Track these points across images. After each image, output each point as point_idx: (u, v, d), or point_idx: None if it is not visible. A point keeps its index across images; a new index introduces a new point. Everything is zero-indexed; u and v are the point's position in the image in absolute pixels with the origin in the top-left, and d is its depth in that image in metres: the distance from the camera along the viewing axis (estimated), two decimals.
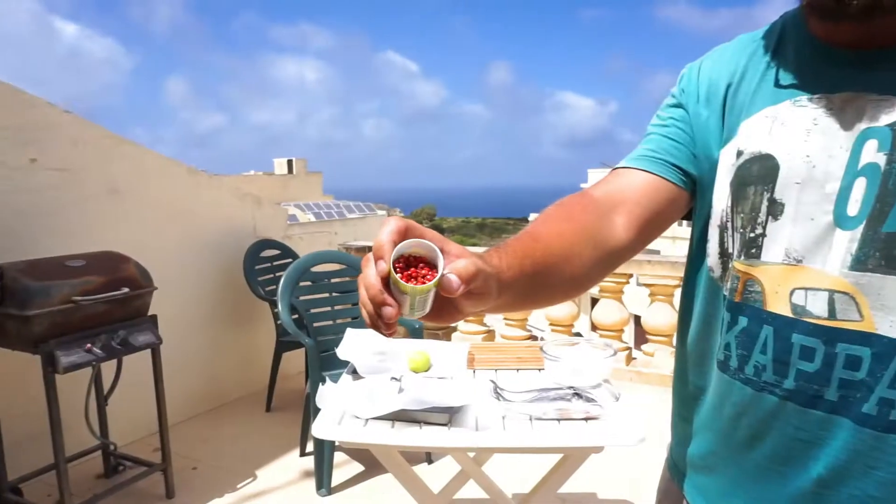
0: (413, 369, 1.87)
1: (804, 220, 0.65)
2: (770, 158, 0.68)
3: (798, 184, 0.65)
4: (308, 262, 2.98)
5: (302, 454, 3.00)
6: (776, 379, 0.67)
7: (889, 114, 0.60)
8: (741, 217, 0.71)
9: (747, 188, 0.70)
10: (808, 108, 0.66)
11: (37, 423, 2.44)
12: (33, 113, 2.68)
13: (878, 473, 0.61)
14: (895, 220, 0.59)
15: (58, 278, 2.22)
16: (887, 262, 0.59)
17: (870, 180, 0.61)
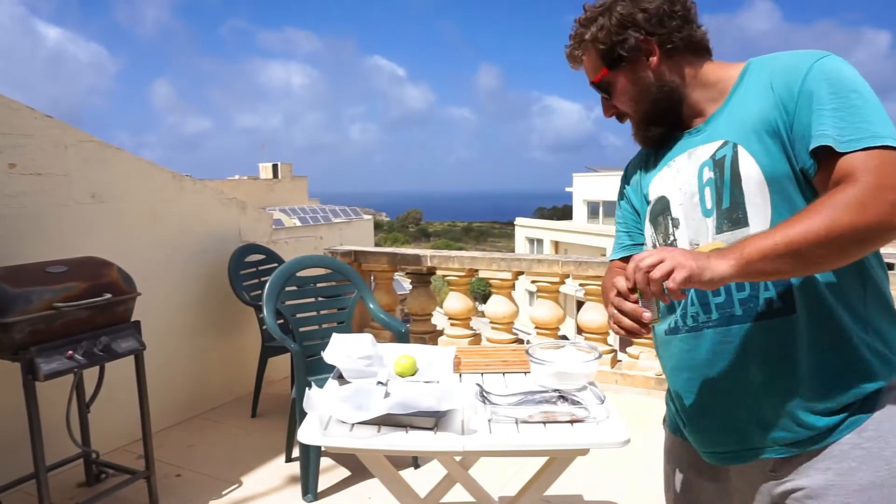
0: (399, 373, 1.87)
1: (689, 221, 1.16)
2: (663, 198, 1.22)
3: (681, 204, 1.18)
4: (293, 266, 2.97)
5: (288, 460, 2.98)
6: (704, 317, 1.13)
7: (705, 151, 1.14)
8: (661, 234, 1.23)
9: (657, 217, 1.24)
10: (674, 165, 1.21)
11: (16, 432, 2.40)
12: (13, 117, 2.65)
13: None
14: (726, 202, 1.10)
15: (39, 284, 2.19)
16: (731, 223, 1.10)
17: (711, 188, 1.13)
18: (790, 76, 1.05)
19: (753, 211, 1.07)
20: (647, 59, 1.17)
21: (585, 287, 3.93)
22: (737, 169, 1.08)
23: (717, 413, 1.15)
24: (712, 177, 1.12)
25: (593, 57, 1.22)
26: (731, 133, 1.11)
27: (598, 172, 31.17)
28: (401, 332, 2.90)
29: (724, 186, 1.10)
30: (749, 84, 1.13)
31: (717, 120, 1.15)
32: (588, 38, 1.21)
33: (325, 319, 3.09)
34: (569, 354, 1.86)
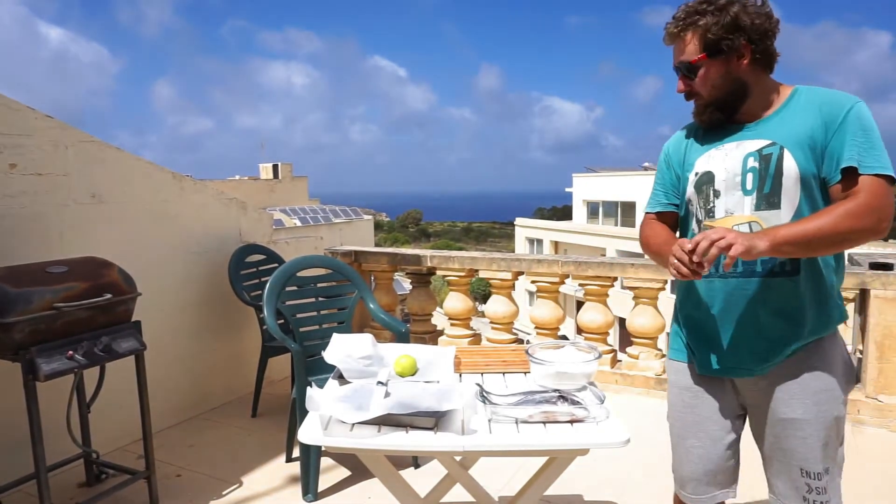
0: (399, 373, 1.87)
1: (729, 194, 1.51)
2: (709, 173, 1.55)
3: (724, 181, 1.52)
4: (294, 266, 2.97)
5: (288, 460, 2.98)
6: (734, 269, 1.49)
7: (753, 145, 1.48)
8: (702, 201, 1.56)
9: (702, 187, 1.56)
10: (722, 149, 1.54)
11: (17, 432, 2.40)
12: (13, 117, 2.65)
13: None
14: (767, 189, 1.45)
15: (39, 284, 2.19)
16: (768, 205, 1.45)
17: (753, 174, 1.47)
18: (836, 108, 1.43)
19: (786, 199, 1.45)
20: (738, 60, 1.48)
21: (585, 287, 3.93)
22: (780, 165, 1.44)
23: (729, 338, 1.54)
24: (756, 166, 1.47)
25: (696, 41, 1.48)
26: (780, 137, 1.46)
27: (598, 173, 31.17)
28: (401, 332, 2.91)
29: (768, 176, 1.46)
30: (798, 104, 1.49)
31: (767, 124, 1.50)
32: (701, 25, 1.46)
33: (326, 319, 3.09)
34: (568, 354, 1.86)
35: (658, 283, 3.74)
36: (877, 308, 3.21)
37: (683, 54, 1.51)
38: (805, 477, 1.53)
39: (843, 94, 1.45)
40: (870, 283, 3.23)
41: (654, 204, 1.73)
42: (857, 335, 3.68)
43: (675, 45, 1.53)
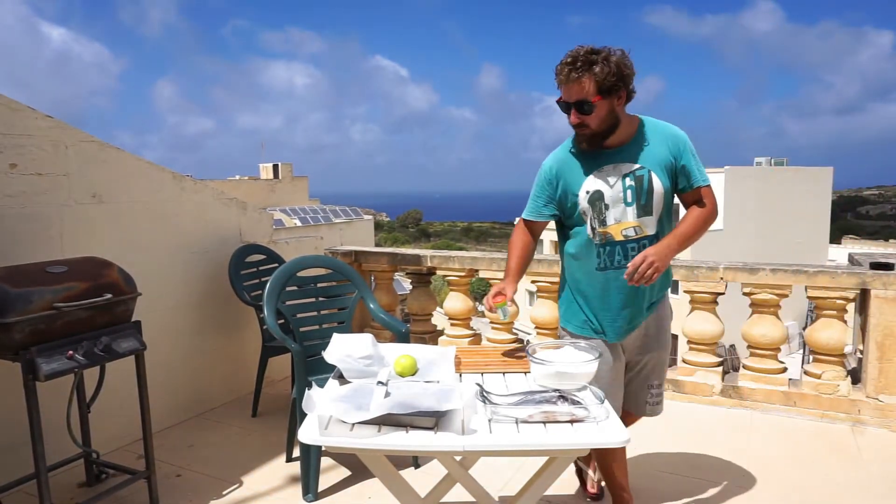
0: (399, 373, 1.87)
1: (616, 207, 2.03)
2: (598, 191, 2.04)
3: (611, 196, 2.03)
4: (294, 266, 2.97)
5: (288, 459, 2.98)
6: (622, 262, 2.04)
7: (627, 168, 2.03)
8: (596, 213, 2.05)
9: (595, 203, 2.04)
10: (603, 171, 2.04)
11: (17, 432, 2.40)
12: (14, 118, 2.65)
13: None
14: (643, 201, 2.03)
15: (39, 284, 2.19)
16: (644, 213, 2.04)
17: (632, 190, 2.03)
18: (678, 141, 2.06)
19: (655, 207, 2.05)
20: (618, 100, 1.96)
21: None
22: (651, 184, 2.03)
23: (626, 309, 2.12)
24: (633, 184, 2.02)
25: (592, 85, 1.90)
26: (646, 162, 2.03)
27: None
28: (401, 332, 2.91)
29: (643, 192, 2.03)
30: (649, 135, 2.06)
31: (631, 150, 2.04)
32: (596, 72, 1.88)
33: (326, 319, 3.09)
34: (569, 354, 1.86)
35: None
36: (877, 308, 3.21)
37: (581, 94, 1.91)
38: (652, 388, 2.29)
39: (676, 128, 2.08)
40: (870, 283, 3.23)
41: (532, 212, 2.18)
42: (857, 335, 3.68)
43: (571, 86, 1.91)
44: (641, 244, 2.04)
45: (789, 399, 3.43)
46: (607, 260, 2.08)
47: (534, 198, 2.17)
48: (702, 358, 3.66)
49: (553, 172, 2.11)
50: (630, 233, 2.05)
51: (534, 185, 2.18)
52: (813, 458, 2.94)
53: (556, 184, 2.10)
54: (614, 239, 2.06)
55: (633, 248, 2.04)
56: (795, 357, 16.39)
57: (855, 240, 36.59)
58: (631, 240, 2.05)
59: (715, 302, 3.64)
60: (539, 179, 2.15)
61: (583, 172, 2.05)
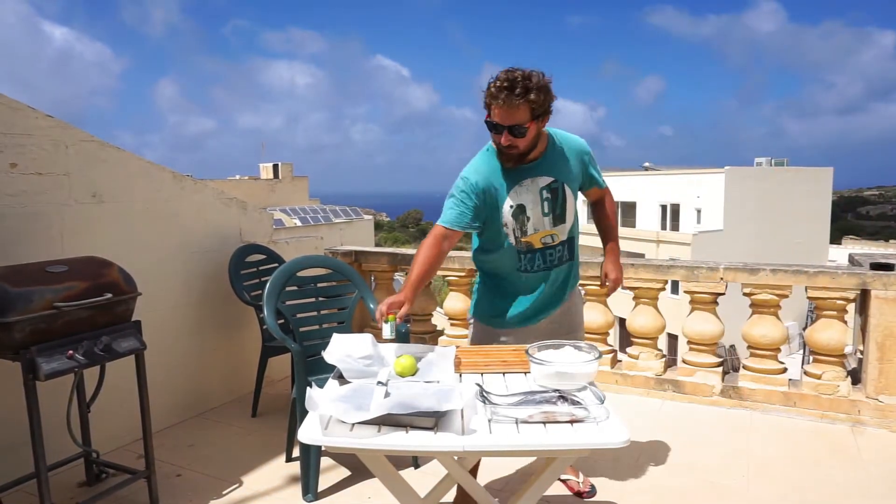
0: (399, 373, 1.87)
1: (536, 218, 2.22)
2: (522, 205, 2.20)
3: (531, 208, 2.21)
4: (294, 266, 2.97)
5: (288, 459, 2.98)
6: (542, 265, 2.29)
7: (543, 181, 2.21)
8: (519, 225, 2.22)
9: (518, 216, 2.20)
10: (524, 185, 2.19)
11: (17, 431, 2.40)
12: (14, 117, 2.65)
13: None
14: (558, 211, 2.24)
15: (39, 284, 2.19)
16: (560, 221, 2.26)
17: (548, 202, 2.22)
18: (582, 149, 2.30)
19: (568, 214, 2.25)
20: (542, 123, 2.10)
21: (585, 287, 3.93)
22: (564, 195, 2.23)
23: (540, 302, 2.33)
24: (549, 196, 2.21)
25: (527, 111, 2.01)
26: (559, 174, 2.22)
27: None
28: (401, 332, 2.90)
29: (557, 203, 2.22)
30: (560, 146, 2.24)
31: (545, 163, 2.20)
32: (532, 99, 1.99)
33: (326, 319, 3.09)
34: (569, 355, 1.86)
35: (658, 283, 3.74)
36: (877, 309, 3.21)
37: (516, 120, 2.01)
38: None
39: (580, 140, 2.30)
40: (870, 283, 3.23)
41: (458, 222, 2.19)
42: (857, 336, 3.68)
43: (507, 111, 2.00)
44: (557, 249, 2.29)
45: (789, 399, 3.43)
46: (528, 264, 2.27)
47: (460, 208, 2.17)
48: (702, 358, 3.66)
49: (480, 187, 2.17)
50: (548, 240, 2.26)
51: (455, 195, 2.18)
52: (813, 459, 2.93)
53: (483, 198, 2.18)
54: (534, 247, 2.26)
55: (551, 253, 2.28)
56: (796, 357, 16.39)
57: (855, 240, 36.59)
58: (549, 246, 2.27)
59: (715, 302, 3.64)
60: (464, 192, 2.17)
61: (506, 188, 2.18)
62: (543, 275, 2.30)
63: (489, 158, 2.20)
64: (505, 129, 2.03)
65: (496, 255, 2.30)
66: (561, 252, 2.30)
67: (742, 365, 3.63)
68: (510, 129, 2.03)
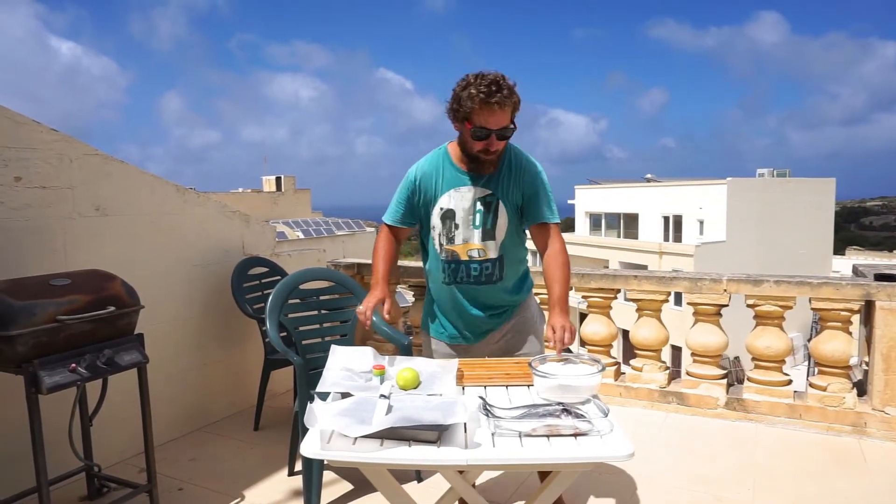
0: (402, 386, 1.87)
1: (465, 228, 2.16)
2: (451, 210, 2.16)
3: (461, 217, 2.15)
4: (296, 279, 2.97)
5: (290, 473, 2.97)
6: (465, 279, 2.20)
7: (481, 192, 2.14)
8: (445, 231, 2.18)
9: (446, 220, 2.17)
10: (460, 191, 2.15)
11: (18, 445, 2.40)
12: (19, 131, 2.67)
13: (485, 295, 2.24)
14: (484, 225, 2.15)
15: (42, 297, 2.20)
16: (489, 237, 2.16)
17: (480, 214, 2.14)
18: (531, 171, 2.16)
19: (498, 232, 2.16)
20: None
21: (588, 299, 3.93)
22: (497, 210, 2.14)
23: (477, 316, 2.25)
24: (482, 209, 2.14)
25: (509, 114, 2.01)
26: (496, 190, 2.14)
27: (600, 185, 31.20)
28: (403, 345, 2.90)
29: (490, 217, 2.14)
30: (513, 164, 2.15)
31: (489, 176, 2.13)
32: (515, 100, 2.00)
33: (328, 332, 3.08)
34: (572, 367, 1.85)
35: (661, 294, 3.73)
36: (882, 320, 3.20)
37: (505, 122, 2.00)
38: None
39: (535, 163, 2.17)
40: (875, 294, 3.22)
41: (392, 217, 2.25)
42: (862, 347, 3.66)
43: (497, 113, 1.97)
44: (484, 266, 2.18)
45: (795, 411, 3.40)
46: (451, 276, 2.20)
47: (395, 203, 2.24)
48: (706, 370, 3.65)
49: (417, 183, 2.19)
50: (474, 254, 2.17)
51: (397, 191, 2.24)
52: (819, 471, 2.91)
53: (418, 195, 2.19)
54: (459, 258, 2.18)
55: (476, 268, 2.18)
56: (801, 369, 16.31)
57: (859, 251, 36.50)
58: (475, 260, 2.18)
59: (719, 314, 3.63)
60: (402, 186, 2.22)
61: (442, 190, 2.15)
62: (471, 290, 2.21)
63: (436, 157, 2.19)
64: (493, 133, 2.00)
65: (427, 263, 2.29)
66: (490, 270, 2.18)
67: (746, 377, 3.61)
68: (498, 133, 2.01)
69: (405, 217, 2.24)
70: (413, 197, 2.20)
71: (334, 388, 1.87)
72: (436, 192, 2.17)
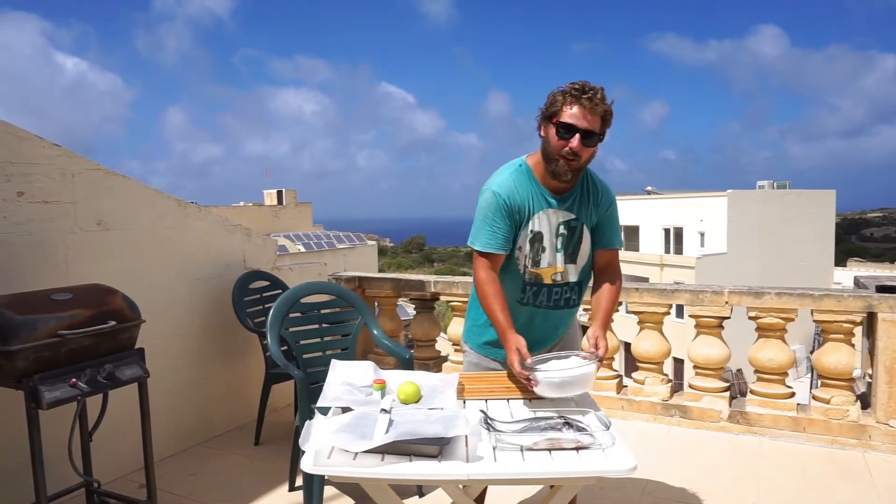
0: (403, 400, 1.86)
1: (551, 252, 2.09)
2: (540, 233, 2.07)
3: (548, 240, 2.08)
4: (297, 293, 2.97)
5: (291, 489, 2.95)
6: (545, 302, 2.14)
7: (565, 216, 2.08)
8: (532, 253, 2.08)
9: (534, 243, 2.07)
10: (547, 213, 2.06)
11: (17, 460, 2.38)
12: (21, 146, 2.68)
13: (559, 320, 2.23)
14: (571, 250, 2.11)
15: (43, 312, 2.19)
16: (571, 261, 2.12)
17: (563, 238, 2.09)
18: (609, 197, 2.15)
19: (581, 257, 2.13)
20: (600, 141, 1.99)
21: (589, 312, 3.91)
22: (581, 234, 2.11)
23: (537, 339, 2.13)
24: (565, 232, 2.09)
25: (599, 119, 1.93)
26: (580, 214, 2.09)
27: None
28: (405, 358, 2.89)
29: (573, 241, 2.11)
30: (591, 188, 2.11)
31: (571, 199, 2.08)
32: (608, 110, 1.94)
33: (329, 346, 3.08)
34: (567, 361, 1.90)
35: (663, 307, 3.73)
36: (885, 332, 3.19)
37: (594, 125, 1.91)
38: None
39: (610, 188, 2.17)
40: (877, 306, 3.21)
41: (496, 244, 2.05)
42: (865, 359, 3.65)
43: (589, 113, 1.90)
44: (564, 290, 2.13)
45: (798, 425, 3.38)
46: (532, 298, 2.12)
47: (490, 228, 2.03)
48: (708, 383, 3.63)
49: (510, 203, 2.02)
50: (558, 278, 2.11)
51: (484, 215, 2.03)
52: (824, 486, 2.89)
53: (515, 215, 2.03)
54: (543, 281, 2.11)
55: (557, 292, 2.13)
56: (804, 381, 16.21)
57: (860, 262, 36.44)
58: (557, 284, 2.12)
59: (720, 326, 3.62)
60: (491, 208, 2.02)
61: (532, 210, 2.04)
62: (550, 314, 2.15)
63: (520, 175, 2.05)
64: (579, 132, 1.89)
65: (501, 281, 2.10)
66: (569, 294, 2.14)
67: (749, 389, 3.59)
68: (584, 134, 1.90)
69: (507, 242, 2.04)
70: (513, 218, 2.03)
71: (335, 402, 1.86)
72: (528, 214, 2.04)
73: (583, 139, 1.90)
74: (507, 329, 1.97)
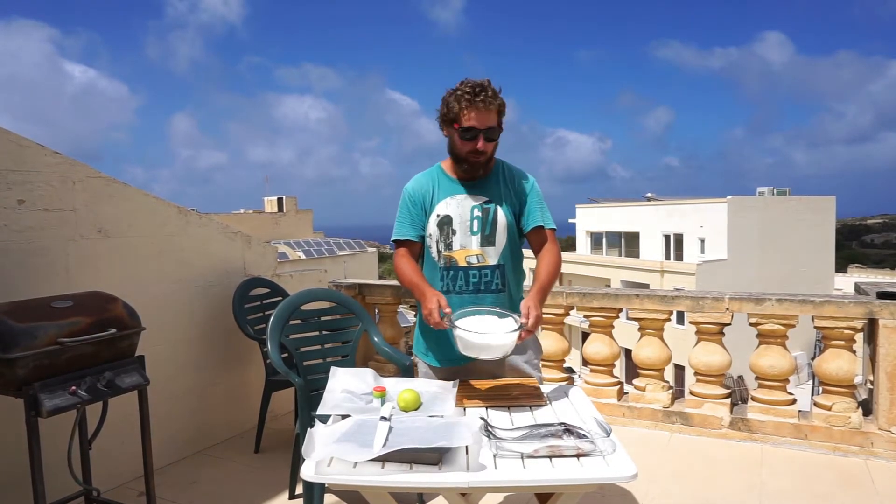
0: (403, 408, 1.86)
1: (463, 234, 2.17)
2: (448, 216, 2.18)
3: (458, 223, 2.18)
4: (298, 300, 2.97)
5: (291, 497, 2.93)
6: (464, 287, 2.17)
7: (477, 200, 2.18)
8: (443, 237, 2.18)
9: (443, 227, 2.18)
10: (456, 199, 2.19)
11: (17, 468, 2.38)
12: (23, 154, 2.69)
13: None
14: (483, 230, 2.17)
15: (43, 319, 2.19)
16: (488, 243, 2.17)
17: (478, 221, 2.17)
18: (525, 178, 2.25)
19: (498, 238, 2.16)
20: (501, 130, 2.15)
21: (590, 318, 3.91)
22: (496, 217, 2.17)
23: None
24: (479, 215, 2.16)
25: (496, 113, 2.09)
26: (493, 196, 2.19)
27: (601, 204, 31.26)
28: (405, 366, 2.88)
29: (488, 223, 2.16)
30: (505, 175, 2.22)
31: (485, 184, 2.19)
32: (499, 101, 2.09)
33: (330, 353, 3.07)
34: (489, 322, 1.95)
35: (664, 313, 3.72)
36: (886, 338, 3.18)
37: (492, 122, 2.07)
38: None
39: (525, 173, 2.26)
40: (878, 312, 3.20)
41: (402, 230, 2.23)
42: (866, 365, 3.64)
43: (486, 113, 2.05)
44: (485, 273, 2.16)
45: (800, 431, 3.37)
46: (451, 283, 2.17)
47: (398, 220, 2.25)
48: (710, 390, 3.62)
49: (414, 196, 2.22)
50: (473, 260, 2.17)
51: (398, 211, 2.26)
52: (826, 493, 2.87)
53: (416, 206, 2.22)
54: (458, 264, 2.17)
55: (475, 275, 2.16)
56: (805, 388, 16.18)
57: (861, 269, 36.42)
58: (473, 267, 2.16)
59: (721, 333, 3.61)
60: (401, 203, 2.25)
61: (438, 198, 2.19)
62: (472, 300, 2.12)
63: (429, 172, 2.27)
64: (481, 132, 2.06)
65: (426, 274, 2.21)
66: (489, 277, 2.15)
67: (751, 396, 3.59)
68: (486, 133, 2.07)
69: (411, 229, 2.22)
70: (413, 209, 2.23)
71: (335, 410, 1.85)
72: (432, 201, 2.20)
73: (485, 138, 2.07)
74: (424, 287, 2.08)
